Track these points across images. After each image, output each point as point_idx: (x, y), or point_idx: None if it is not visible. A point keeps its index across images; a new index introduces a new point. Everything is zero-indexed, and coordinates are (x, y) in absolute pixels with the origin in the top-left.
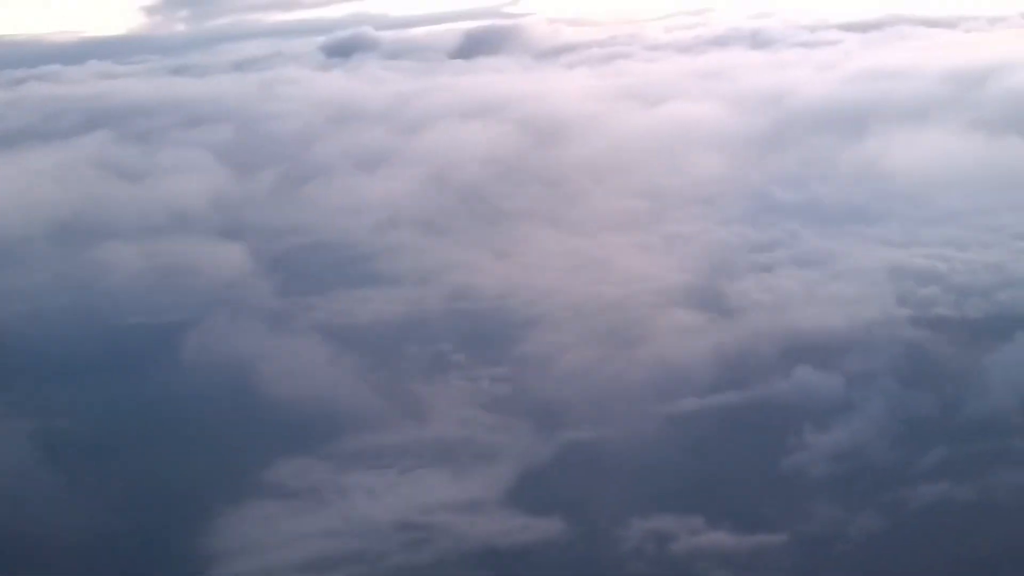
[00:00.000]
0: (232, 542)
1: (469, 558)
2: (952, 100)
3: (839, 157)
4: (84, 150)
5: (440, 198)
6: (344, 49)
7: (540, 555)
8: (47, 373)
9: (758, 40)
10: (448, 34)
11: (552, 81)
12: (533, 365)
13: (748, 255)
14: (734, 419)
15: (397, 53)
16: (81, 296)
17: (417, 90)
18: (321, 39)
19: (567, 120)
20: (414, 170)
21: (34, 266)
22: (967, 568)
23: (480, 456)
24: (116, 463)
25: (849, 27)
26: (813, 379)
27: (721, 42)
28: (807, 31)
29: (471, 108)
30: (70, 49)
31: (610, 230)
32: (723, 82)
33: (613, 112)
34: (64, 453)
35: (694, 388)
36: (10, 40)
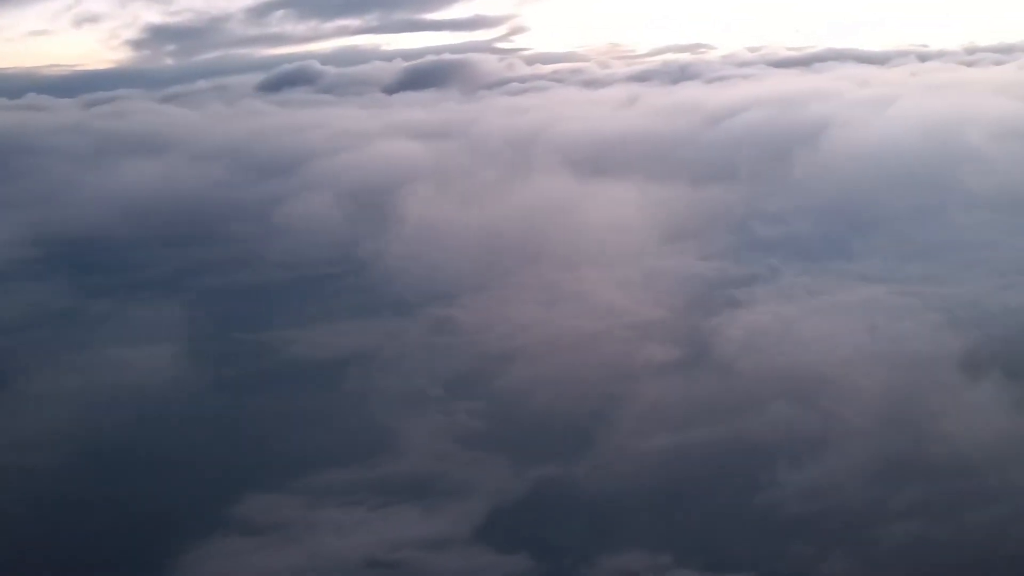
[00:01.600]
0: None
1: None
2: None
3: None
4: None
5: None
6: (280, 83)
7: None
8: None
9: (685, 74)
10: (392, 68)
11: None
12: (509, 400)
13: (725, 290)
14: (708, 456)
15: (332, 87)
16: None
17: (282, 124)
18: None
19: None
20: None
21: None
22: None
23: (452, 492)
24: (80, 493)
25: (787, 63)
26: (788, 416)
27: (642, 77)
28: (735, 66)
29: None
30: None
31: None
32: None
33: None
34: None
35: (668, 424)
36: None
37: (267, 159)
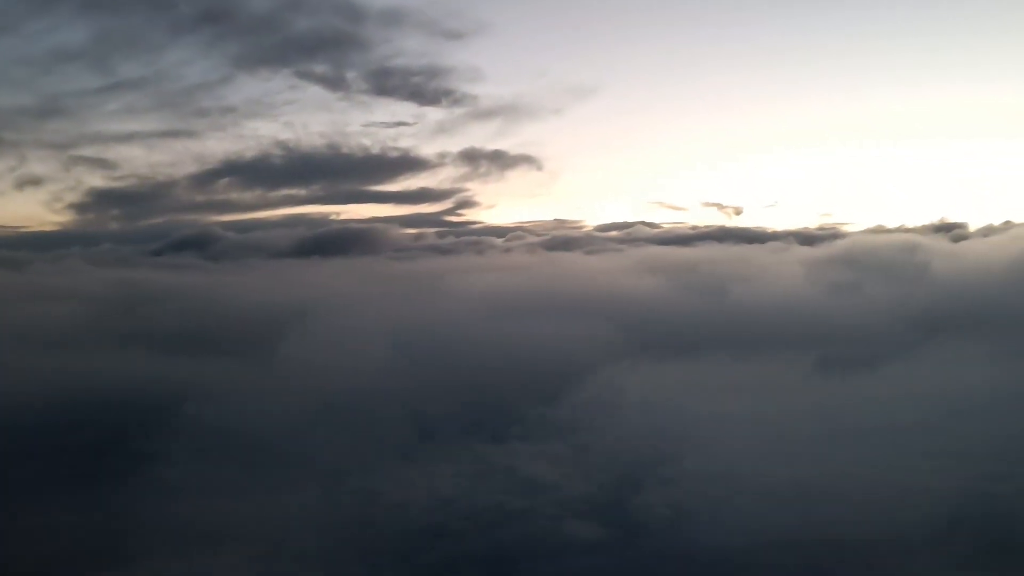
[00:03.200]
0: None
1: None
2: None
3: None
4: None
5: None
6: (177, 247)
7: None
8: None
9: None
10: (292, 236)
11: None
12: None
13: (655, 467)
14: None
15: (226, 252)
16: None
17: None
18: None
19: None
20: None
21: None
22: None
23: None
24: None
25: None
26: None
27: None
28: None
29: None
30: None
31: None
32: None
33: None
34: None
35: None
36: None
37: None
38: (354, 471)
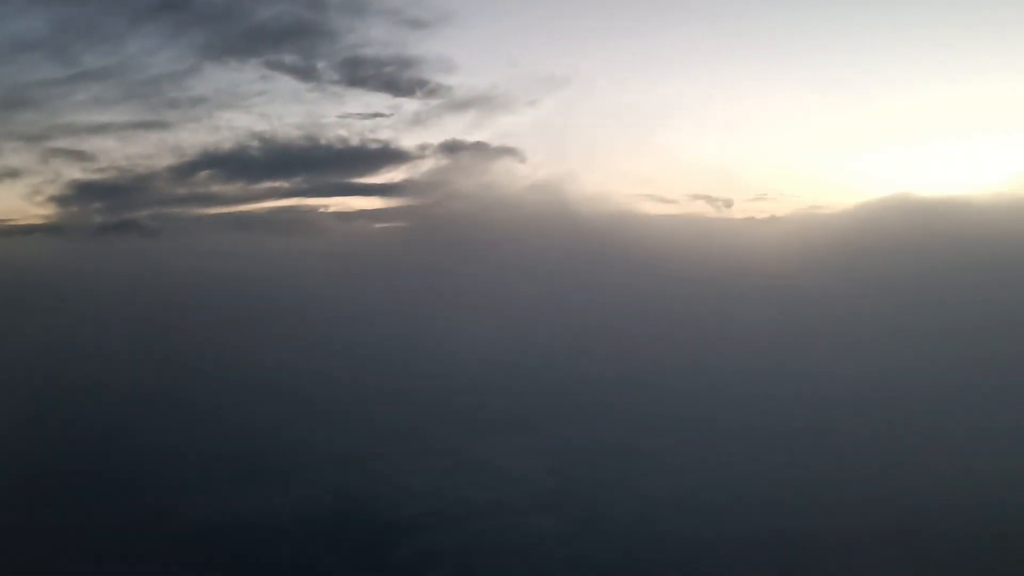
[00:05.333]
0: None
1: None
2: None
3: None
4: None
5: None
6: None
7: None
8: None
9: None
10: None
11: None
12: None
13: (624, 459)
14: None
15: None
16: None
17: None
18: None
19: None
20: None
21: None
22: None
23: None
24: None
25: None
26: None
27: None
28: None
29: None
30: None
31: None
32: None
33: None
34: None
35: None
36: None
37: None
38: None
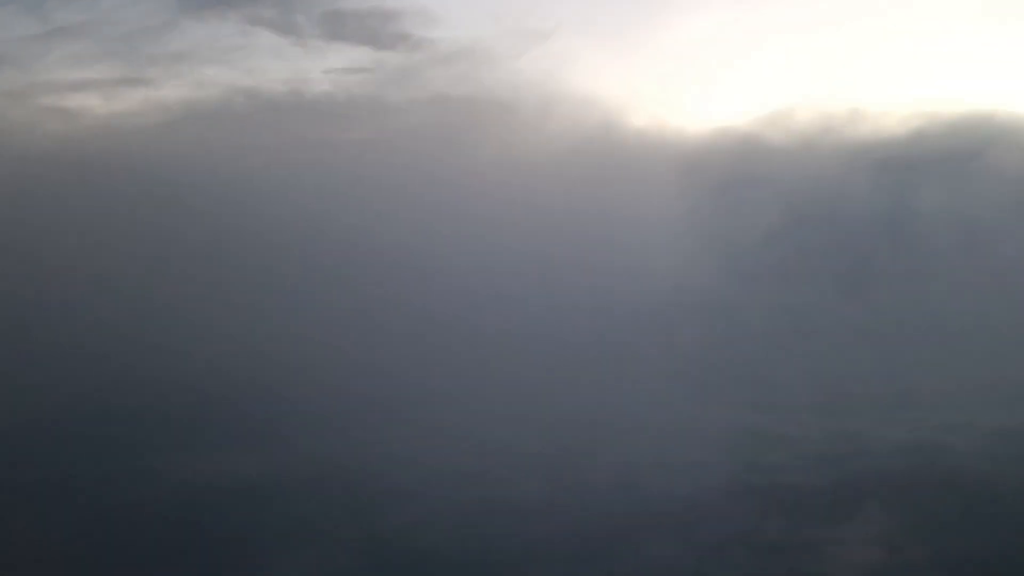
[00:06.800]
0: None
1: None
2: None
3: None
4: None
5: None
6: None
7: None
8: None
9: None
10: None
11: None
12: (388, 540)
13: (608, 421)
14: None
15: None
16: None
17: None
18: None
19: None
20: None
21: None
22: None
23: None
24: None
25: None
26: (662, 552)
27: None
28: None
29: None
30: None
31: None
32: None
33: None
34: None
35: (539, 567)
36: None
37: None
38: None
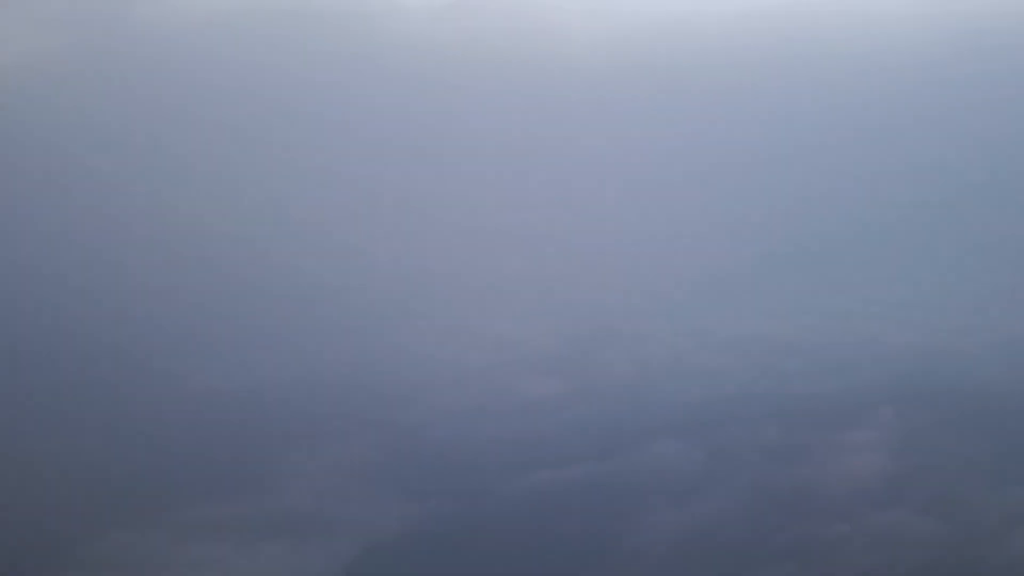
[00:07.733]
0: None
1: None
2: None
3: None
4: None
5: None
6: None
7: None
8: None
9: None
10: None
11: None
12: (400, 435)
13: (623, 324)
14: (587, 493)
15: None
16: None
17: None
18: None
19: None
20: None
21: None
22: None
23: (327, 529)
24: None
25: None
26: (674, 453)
27: None
28: None
29: None
30: None
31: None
32: None
33: None
34: None
35: (550, 460)
36: None
37: None
38: None
